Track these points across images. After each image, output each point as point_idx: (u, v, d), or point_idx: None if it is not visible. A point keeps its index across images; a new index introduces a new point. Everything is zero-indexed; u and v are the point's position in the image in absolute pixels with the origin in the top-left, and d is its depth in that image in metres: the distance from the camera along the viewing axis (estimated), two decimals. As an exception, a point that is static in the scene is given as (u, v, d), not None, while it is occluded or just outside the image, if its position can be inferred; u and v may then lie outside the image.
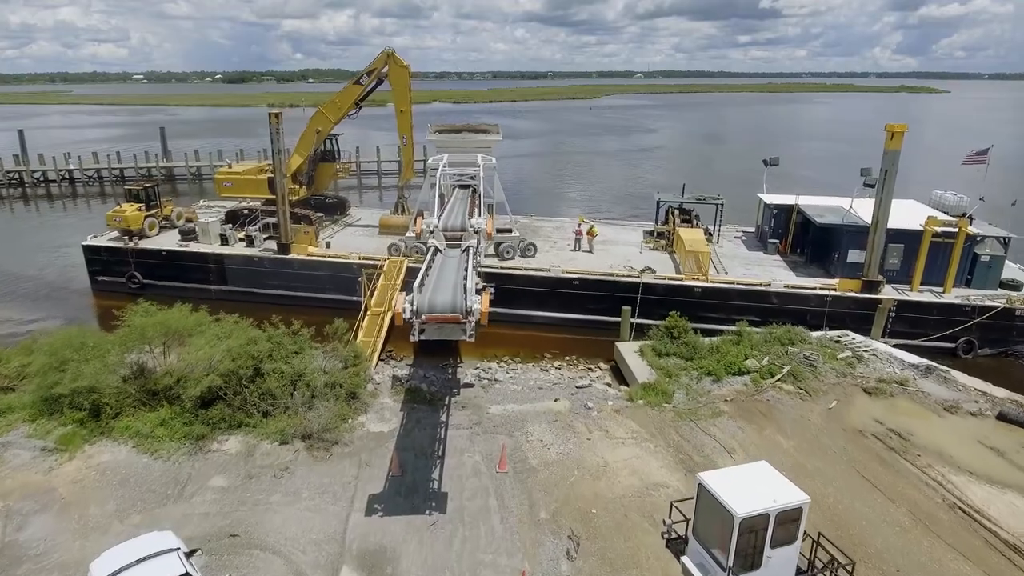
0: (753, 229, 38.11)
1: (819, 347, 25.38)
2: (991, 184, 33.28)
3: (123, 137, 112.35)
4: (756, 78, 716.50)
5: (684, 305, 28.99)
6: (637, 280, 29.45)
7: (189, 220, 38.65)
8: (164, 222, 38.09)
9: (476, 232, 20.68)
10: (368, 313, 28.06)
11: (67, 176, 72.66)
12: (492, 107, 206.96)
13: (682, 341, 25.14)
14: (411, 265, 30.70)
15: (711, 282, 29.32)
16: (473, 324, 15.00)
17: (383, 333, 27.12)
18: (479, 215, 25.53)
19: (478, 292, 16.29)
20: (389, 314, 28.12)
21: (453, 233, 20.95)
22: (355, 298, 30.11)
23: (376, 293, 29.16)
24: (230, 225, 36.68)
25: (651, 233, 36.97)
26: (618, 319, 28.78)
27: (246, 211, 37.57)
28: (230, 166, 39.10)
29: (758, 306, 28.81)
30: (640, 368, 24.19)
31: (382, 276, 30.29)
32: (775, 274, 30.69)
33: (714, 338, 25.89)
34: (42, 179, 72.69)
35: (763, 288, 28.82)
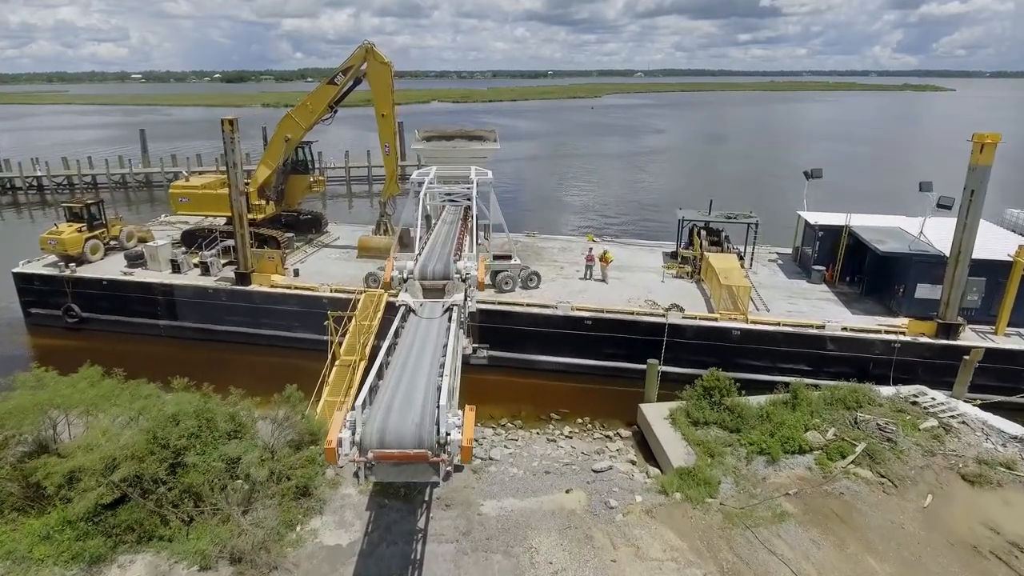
0: (790, 250, 33.10)
1: (893, 411, 20.39)
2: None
3: (114, 139, 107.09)
4: (756, 76, 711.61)
5: (718, 351, 24.20)
6: (662, 320, 24.46)
7: (143, 240, 33.69)
8: (113, 243, 33.14)
9: (464, 279, 15.74)
10: (336, 364, 23.06)
11: (35, 183, 67.60)
12: (492, 106, 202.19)
13: (724, 405, 20.16)
14: (392, 299, 25.70)
15: (752, 323, 24.32)
16: (450, 463, 10.06)
17: (353, 389, 22.12)
18: (471, 247, 20.67)
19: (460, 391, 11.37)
20: (362, 364, 23.19)
21: (433, 283, 15.96)
22: (327, 337, 25.17)
23: (348, 336, 24.15)
24: (184, 249, 31.71)
25: (673, 256, 31.99)
26: (640, 366, 23.85)
27: (206, 231, 32.61)
28: (187, 178, 34.07)
29: (810, 353, 23.84)
30: (673, 443, 19.20)
31: (356, 314, 25.26)
32: (826, 311, 25.68)
33: (761, 398, 20.92)
34: (9, 187, 67.64)
35: (816, 331, 23.81)
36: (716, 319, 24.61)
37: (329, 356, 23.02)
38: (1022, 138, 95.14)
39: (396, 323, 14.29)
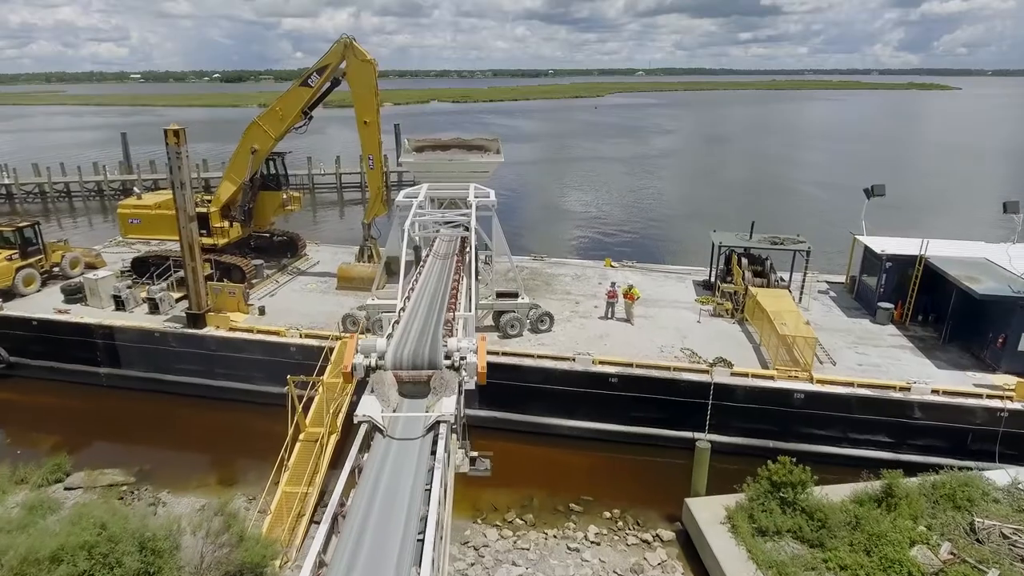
0: (842, 279, 28.40)
1: (1015, 511, 15.71)
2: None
3: (107, 140, 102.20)
4: (757, 75, 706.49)
5: (776, 417, 19.60)
6: (706, 379, 19.75)
7: (91, 267, 29.11)
8: (55, 270, 28.50)
9: (457, 368, 11.07)
10: (300, 439, 18.35)
11: (3, 192, 62.90)
12: (492, 106, 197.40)
13: (799, 506, 15.47)
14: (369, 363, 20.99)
15: (818, 382, 19.60)
16: None
17: (320, 475, 17.45)
18: (468, 299, 15.98)
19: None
20: (333, 439, 18.53)
21: (415, 374, 11.20)
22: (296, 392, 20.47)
23: (316, 401, 19.42)
24: (134, 278, 27.08)
25: (707, 287, 27.33)
26: (678, 433, 19.46)
27: (160, 258, 27.89)
28: (139, 195, 29.36)
29: (892, 422, 19.13)
30: (735, 563, 14.48)
31: (328, 368, 20.60)
32: (904, 363, 20.97)
33: (843, 489, 16.29)
34: (-26, 196, 62.96)
35: (900, 396, 19.08)
36: (773, 377, 19.88)
37: (290, 430, 18.23)
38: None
39: (352, 458, 9.43)
